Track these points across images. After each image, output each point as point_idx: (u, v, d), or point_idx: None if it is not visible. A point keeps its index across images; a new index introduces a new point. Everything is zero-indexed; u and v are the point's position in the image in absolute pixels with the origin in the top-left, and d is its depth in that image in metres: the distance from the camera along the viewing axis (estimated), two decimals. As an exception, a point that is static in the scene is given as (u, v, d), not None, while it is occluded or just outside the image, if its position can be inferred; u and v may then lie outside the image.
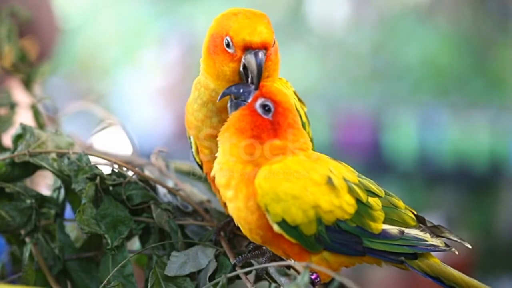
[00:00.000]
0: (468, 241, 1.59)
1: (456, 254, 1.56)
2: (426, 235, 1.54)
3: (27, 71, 2.33)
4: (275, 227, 1.48)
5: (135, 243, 1.90)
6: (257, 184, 1.47)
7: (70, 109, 2.42)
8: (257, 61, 1.52)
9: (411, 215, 1.56)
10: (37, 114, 2.19)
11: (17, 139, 1.84)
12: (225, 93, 1.55)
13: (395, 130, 6.13)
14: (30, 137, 1.82)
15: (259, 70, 1.52)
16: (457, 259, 2.40)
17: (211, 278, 1.65)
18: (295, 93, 1.71)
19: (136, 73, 6.52)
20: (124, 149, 2.30)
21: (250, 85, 1.54)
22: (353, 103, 6.31)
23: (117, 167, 1.80)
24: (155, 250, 1.72)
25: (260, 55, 1.53)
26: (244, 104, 1.53)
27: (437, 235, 1.56)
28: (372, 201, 1.52)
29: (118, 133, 2.36)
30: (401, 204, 1.57)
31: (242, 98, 1.53)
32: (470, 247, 1.58)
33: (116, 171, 1.78)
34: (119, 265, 1.67)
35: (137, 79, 6.46)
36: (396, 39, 6.38)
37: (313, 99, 5.90)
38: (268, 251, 1.61)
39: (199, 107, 1.63)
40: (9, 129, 2.17)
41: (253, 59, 1.53)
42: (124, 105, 6.34)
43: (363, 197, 1.51)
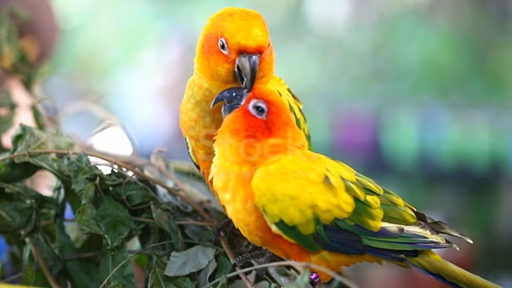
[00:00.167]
0: (468, 238, 1.59)
1: (457, 250, 1.55)
2: (426, 232, 1.54)
3: (27, 72, 2.33)
4: (273, 228, 1.48)
5: (135, 243, 1.90)
6: (254, 185, 1.47)
7: (70, 109, 2.42)
8: (251, 65, 1.53)
9: (411, 212, 1.56)
10: (37, 114, 2.19)
11: (17, 139, 1.84)
12: (218, 98, 1.55)
13: (395, 130, 6.12)
14: (30, 138, 1.82)
15: (253, 73, 1.53)
16: (457, 259, 2.39)
17: (211, 278, 1.65)
18: (289, 90, 1.71)
19: (136, 73, 6.52)
20: (124, 149, 2.30)
21: (242, 89, 1.54)
22: (353, 103, 6.31)
23: (117, 167, 1.80)
24: (155, 250, 1.72)
25: (254, 58, 1.53)
26: (237, 107, 1.53)
27: (438, 232, 1.56)
28: (370, 199, 1.52)
29: (118, 133, 2.36)
30: (400, 201, 1.57)
31: (235, 101, 1.54)
32: (471, 242, 1.57)
33: (116, 171, 1.78)
34: (119, 265, 1.67)
35: (137, 79, 6.45)
36: (396, 39, 6.38)
37: (313, 99, 5.90)
38: (268, 251, 1.61)
39: (193, 107, 1.63)
40: (9, 130, 2.17)
41: (247, 63, 1.53)
42: (124, 105, 6.34)
43: (361, 195, 1.51)
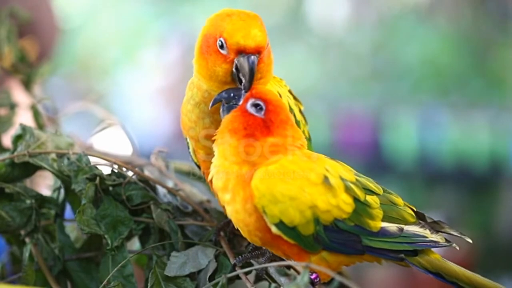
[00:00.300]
0: (467, 237, 1.59)
1: (457, 250, 1.56)
2: (425, 231, 1.54)
3: (27, 72, 2.33)
4: (273, 229, 1.47)
5: (135, 243, 1.90)
6: (253, 186, 1.47)
7: (70, 109, 2.42)
8: (250, 65, 1.53)
9: (410, 211, 1.56)
10: (37, 114, 2.19)
11: (17, 139, 1.84)
12: (216, 99, 1.56)
13: (395, 130, 6.12)
14: (30, 138, 1.82)
15: (251, 74, 1.53)
16: (457, 259, 2.39)
17: (211, 278, 1.65)
18: (290, 91, 1.71)
19: (136, 73, 6.52)
20: (124, 149, 2.30)
21: (240, 89, 1.55)
22: (353, 103, 6.31)
23: (117, 167, 1.80)
24: (155, 250, 1.72)
25: (252, 58, 1.53)
26: (236, 107, 1.53)
27: (437, 231, 1.56)
28: (370, 199, 1.52)
29: (118, 133, 2.36)
30: (400, 201, 1.57)
31: (233, 101, 1.54)
32: (470, 242, 1.57)
33: (116, 171, 1.78)
34: (119, 265, 1.67)
35: (137, 79, 6.45)
36: (396, 39, 6.38)
37: (313, 99, 5.90)
38: (268, 251, 1.61)
39: (192, 108, 1.63)
40: (9, 130, 2.17)
41: (245, 63, 1.53)
42: (124, 105, 6.34)
43: (361, 195, 1.51)
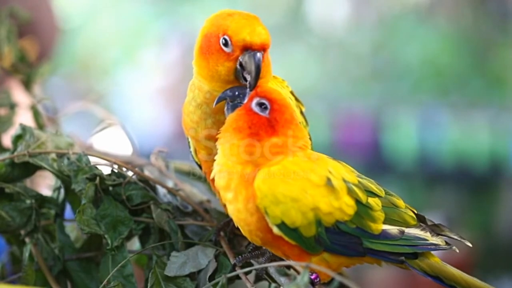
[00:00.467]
0: (468, 241, 1.59)
1: (456, 252, 1.56)
2: (426, 234, 1.54)
3: (27, 72, 2.33)
4: (275, 229, 1.47)
5: (135, 243, 1.90)
6: (256, 186, 1.47)
7: (70, 109, 2.42)
8: (256, 62, 1.52)
9: (412, 214, 1.56)
10: (37, 114, 2.19)
11: (17, 139, 1.84)
12: (221, 98, 1.55)
13: (395, 130, 6.12)
14: (29, 138, 1.82)
15: (258, 71, 1.52)
16: (457, 259, 2.40)
17: (211, 278, 1.65)
18: (292, 93, 1.70)
19: (136, 73, 6.52)
20: (124, 149, 2.30)
21: (245, 87, 1.54)
22: (353, 103, 6.31)
23: (117, 167, 1.80)
24: (155, 250, 1.71)
25: (258, 55, 1.52)
26: (240, 105, 1.53)
27: (438, 234, 1.55)
28: (372, 201, 1.52)
29: (118, 133, 2.36)
30: (402, 203, 1.56)
31: (238, 100, 1.53)
32: (470, 245, 1.57)
33: (116, 171, 1.78)
34: (119, 265, 1.67)
35: (137, 79, 6.46)
36: (396, 39, 6.38)
37: (313, 99, 5.90)
38: (268, 251, 1.61)
39: (194, 109, 1.63)
40: (9, 130, 2.17)
41: (251, 60, 1.52)
42: (124, 105, 6.34)
43: (363, 198, 1.51)
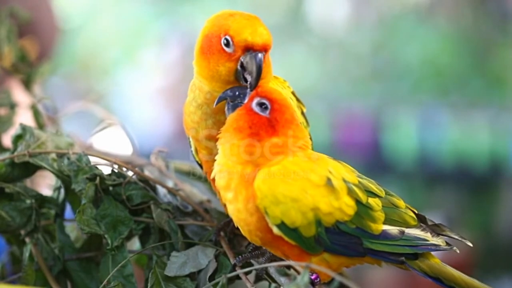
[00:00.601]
0: (468, 241, 1.59)
1: (457, 252, 1.55)
2: (426, 235, 1.53)
3: (27, 71, 2.33)
4: (275, 229, 1.47)
5: (135, 243, 1.90)
6: (256, 186, 1.47)
7: (70, 109, 2.42)
8: (257, 63, 1.52)
9: (412, 214, 1.55)
10: (37, 114, 2.19)
11: (17, 139, 1.84)
12: (221, 98, 1.55)
13: (395, 130, 6.12)
14: (30, 138, 1.82)
15: (259, 71, 1.52)
16: (457, 259, 2.40)
17: (211, 278, 1.65)
18: (293, 93, 1.70)
19: (136, 73, 6.52)
20: (124, 149, 2.30)
21: (245, 87, 1.54)
22: (353, 103, 6.31)
23: (117, 167, 1.80)
24: (155, 250, 1.71)
25: (260, 56, 1.52)
26: (241, 105, 1.53)
27: (438, 234, 1.55)
28: (372, 201, 1.52)
29: (118, 133, 2.36)
30: (402, 203, 1.56)
31: (238, 100, 1.53)
32: (471, 245, 1.57)
33: (116, 171, 1.78)
34: (119, 265, 1.67)
35: (137, 79, 6.46)
36: (396, 39, 6.38)
37: (313, 99, 5.90)
38: (268, 251, 1.61)
39: (195, 109, 1.63)
40: (9, 130, 2.17)
41: (253, 61, 1.52)
42: (124, 105, 6.34)
43: (363, 198, 1.51)
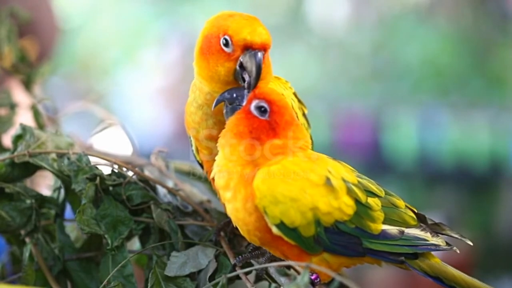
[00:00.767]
0: (468, 240, 1.59)
1: (457, 252, 1.55)
2: (426, 235, 1.53)
3: (27, 72, 2.33)
4: (274, 229, 1.47)
5: (135, 243, 1.90)
6: (255, 186, 1.47)
7: (70, 109, 2.42)
8: (257, 62, 1.51)
9: (412, 214, 1.55)
10: (37, 114, 2.19)
11: (17, 139, 1.84)
12: (219, 100, 1.55)
13: (395, 130, 6.12)
14: (30, 138, 1.82)
15: (258, 71, 1.52)
16: (457, 258, 2.40)
17: (211, 278, 1.65)
18: (295, 94, 1.70)
19: (136, 73, 6.52)
20: (124, 149, 2.30)
21: (242, 89, 1.54)
22: (353, 103, 6.31)
23: (117, 167, 1.80)
24: (155, 250, 1.71)
25: (259, 55, 1.52)
26: (239, 108, 1.52)
27: (438, 233, 1.55)
28: (371, 201, 1.52)
29: (118, 133, 2.36)
30: (401, 203, 1.56)
31: (236, 102, 1.53)
32: (471, 244, 1.57)
33: (116, 171, 1.78)
34: (119, 265, 1.67)
35: (137, 79, 6.45)
36: (396, 39, 6.38)
37: (313, 99, 5.90)
38: (268, 251, 1.61)
39: (195, 110, 1.63)
40: (9, 130, 2.17)
41: (252, 60, 1.52)
42: (124, 105, 6.34)
43: (362, 197, 1.51)
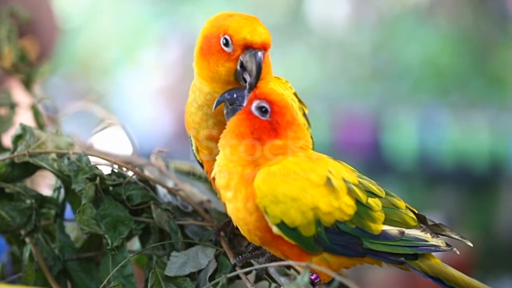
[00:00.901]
0: (468, 241, 1.59)
1: (457, 253, 1.55)
2: (426, 235, 1.53)
3: (27, 71, 2.33)
4: (274, 229, 1.47)
5: (135, 243, 1.90)
6: (255, 185, 1.47)
7: (70, 109, 2.42)
8: (257, 61, 1.51)
9: (412, 215, 1.55)
10: (37, 114, 2.19)
11: (17, 139, 1.84)
12: (219, 101, 1.55)
13: (395, 130, 6.12)
14: (30, 138, 1.82)
15: (258, 70, 1.51)
16: (457, 259, 2.40)
17: (211, 278, 1.65)
18: (295, 94, 1.70)
19: (136, 73, 6.52)
20: (124, 149, 2.30)
21: (242, 89, 1.53)
22: (353, 103, 6.31)
23: (117, 167, 1.80)
24: (155, 250, 1.71)
25: (259, 54, 1.52)
26: (240, 108, 1.52)
27: (438, 234, 1.55)
28: (372, 202, 1.52)
29: (118, 133, 2.36)
30: (402, 204, 1.56)
31: (237, 103, 1.53)
32: (471, 245, 1.57)
33: (116, 171, 1.78)
34: (119, 265, 1.67)
35: (137, 79, 6.45)
36: (396, 39, 6.38)
37: (313, 99, 5.90)
38: (268, 251, 1.61)
39: (195, 110, 1.63)
40: (9, 130, 2.17)
41: (252, 59, 1.51)
42: (124, 105, 6.33)
43: (363, 198, 1.51)
